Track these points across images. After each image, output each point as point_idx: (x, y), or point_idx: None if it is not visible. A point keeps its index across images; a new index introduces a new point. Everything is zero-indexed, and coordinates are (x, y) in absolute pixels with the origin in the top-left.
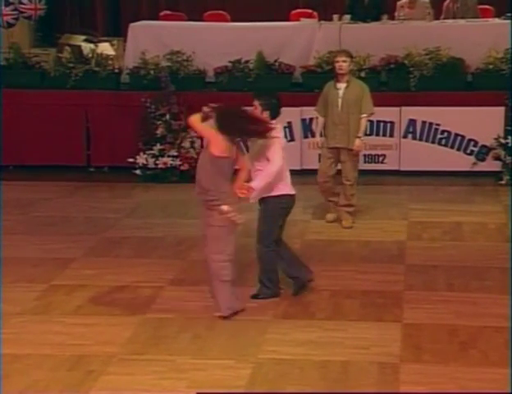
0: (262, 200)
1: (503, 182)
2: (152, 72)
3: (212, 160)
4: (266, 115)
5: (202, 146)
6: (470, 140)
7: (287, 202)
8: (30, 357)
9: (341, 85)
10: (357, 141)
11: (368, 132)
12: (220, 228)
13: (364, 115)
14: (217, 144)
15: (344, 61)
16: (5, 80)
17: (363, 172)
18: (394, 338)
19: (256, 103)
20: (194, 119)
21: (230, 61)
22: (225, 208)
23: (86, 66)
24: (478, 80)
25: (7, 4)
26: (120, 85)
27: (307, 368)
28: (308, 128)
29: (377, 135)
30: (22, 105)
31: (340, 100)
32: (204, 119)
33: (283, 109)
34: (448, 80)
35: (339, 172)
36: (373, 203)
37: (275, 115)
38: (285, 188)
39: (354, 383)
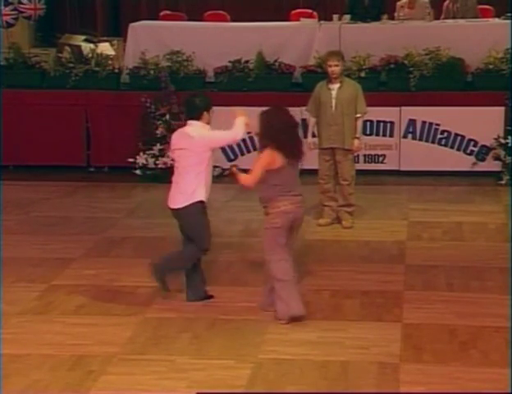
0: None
1: (503, 182)
2: (152, 72)
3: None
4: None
5: None
6: (470, 140)
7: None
8: (30, 357)
9: (334, 86)
10: (356, 142)
11: (367, 132)
12: (267, 230)
13: (359, 115)
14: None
15: (336, 66)
16: (5, 80)
17: (362, 172)
18: (394, 338)
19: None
20: (247, 177)
21: (230, 61)
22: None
23: (86, 66)
24: (478, 80)
25: (7, 4)
26: (120, 85)
27: (307, 368)
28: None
29: (377, 135)
30: (22, 105)
31: (333, 100)
32: (233, 174)
33: None
34: (448, 80)
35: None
36: (373, 203)
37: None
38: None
39: (354, 383)
